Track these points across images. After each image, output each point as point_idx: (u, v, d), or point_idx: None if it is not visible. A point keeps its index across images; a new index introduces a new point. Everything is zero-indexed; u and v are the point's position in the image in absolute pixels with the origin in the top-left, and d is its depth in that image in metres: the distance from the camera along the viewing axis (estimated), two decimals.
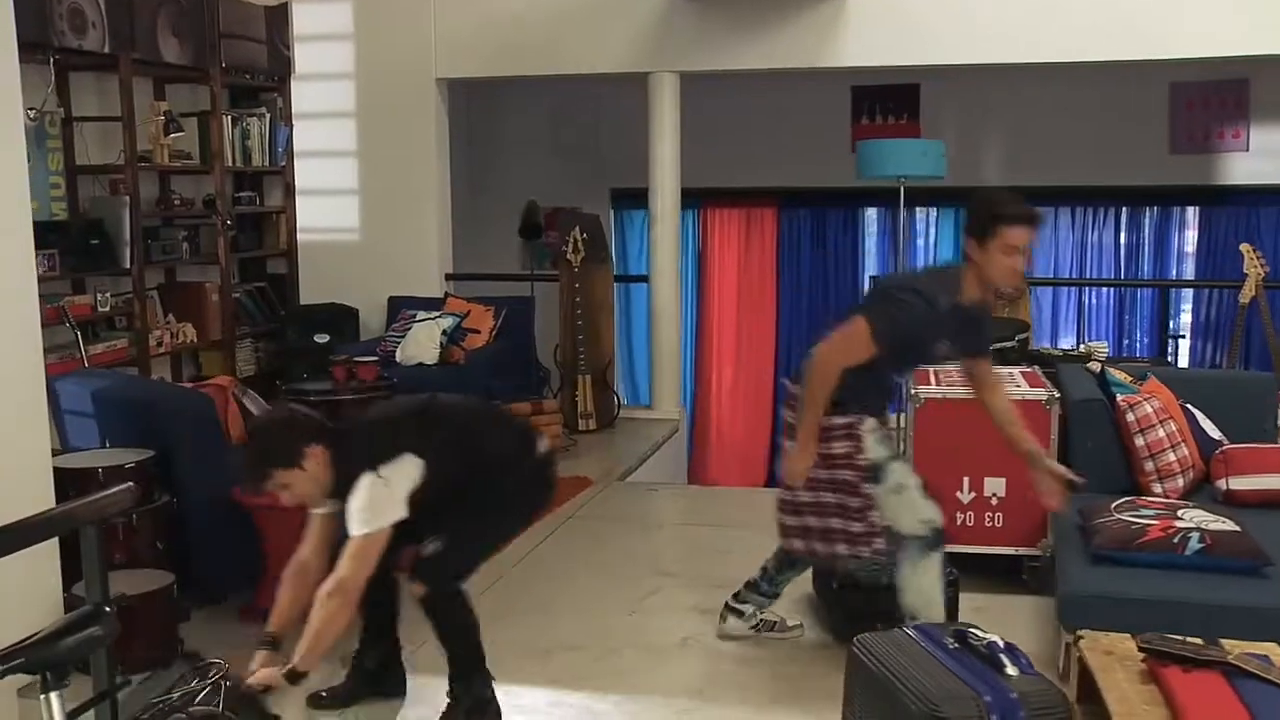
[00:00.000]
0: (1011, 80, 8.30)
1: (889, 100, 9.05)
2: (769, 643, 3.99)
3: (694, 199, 8.74)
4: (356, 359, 5.73)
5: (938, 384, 4.78)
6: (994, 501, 4.45)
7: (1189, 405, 4.38)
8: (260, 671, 2.92)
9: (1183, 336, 8.44)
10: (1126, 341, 8.77)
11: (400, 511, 3.03)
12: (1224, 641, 2.61)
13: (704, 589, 4.44)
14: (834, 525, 3.59)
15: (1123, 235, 9.00)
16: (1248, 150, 8.67)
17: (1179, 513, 3.59)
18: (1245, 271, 6.29)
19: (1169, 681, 2.38)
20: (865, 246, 9.43)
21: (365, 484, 3.00)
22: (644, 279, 8.80)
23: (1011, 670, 2.27)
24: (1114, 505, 3.72)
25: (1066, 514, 3.95)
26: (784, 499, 3.73)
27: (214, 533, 4.23)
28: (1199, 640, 2.56)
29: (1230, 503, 4.04)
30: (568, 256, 6.64)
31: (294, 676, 2.94)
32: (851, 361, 3.48)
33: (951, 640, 2.41)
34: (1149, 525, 3.47)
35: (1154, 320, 8.93)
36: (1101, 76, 7.97)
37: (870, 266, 9.41)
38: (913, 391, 4.77)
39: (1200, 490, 4.16)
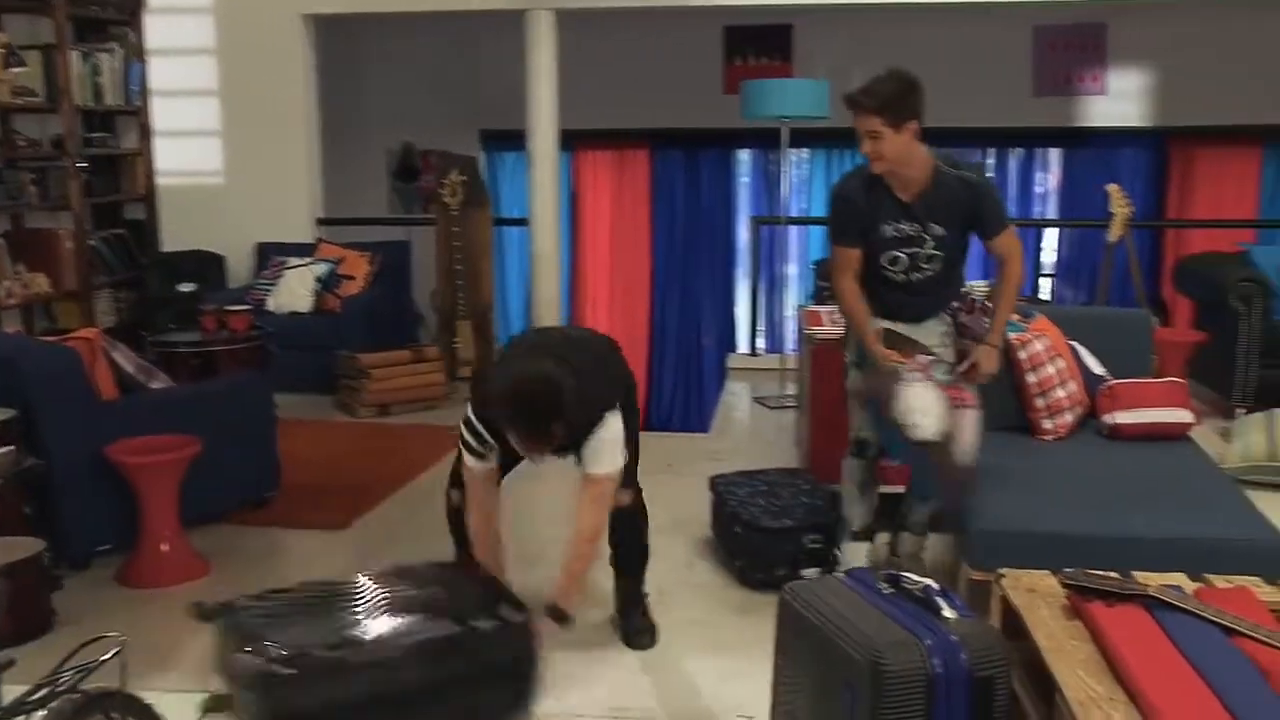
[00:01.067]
0: (882, 21, 8.33)
1: (762, 40, 9.00)
2: (674, 590, 3.96)
3: (566, 141, 8.59)
4: (227, 308, 5.47)
5: (831, 324, 4.80)
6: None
7: (1073, 342, 4.47)
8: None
9: (1052, 275, 8.66)
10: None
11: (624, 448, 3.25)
12: (1137, 574, 2.66)
13: None
14: None
15: (991, 176, 9.16)
16: (1105, 94, 8.91)
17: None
18: (1111, 211, 6.45)
19: (1094, 616, 2.40)
20: (739, 187, 9.43)
21: (611, 424, 3.19)
22: (519, 222, 8.67)
23: (949, 613, 2.27)
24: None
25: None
26: None
27: (85, 495, 4.00)
28: (1116, 574, 2.60)
29: (1116, 436, 4.15)
30: (445, 199, 6.45)
31: (562, 617, 3.06)
32: (846, 271, 3.68)
33: (885, 585, 2.39)
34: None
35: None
36: (968, 18, 8.05)
37: (745, 208, 9.41)
38: (806, 331, 4.79)
39: (1087, 425, 4.26)
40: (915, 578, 2.38)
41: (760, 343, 8.67)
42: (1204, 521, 3.33)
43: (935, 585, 2.35)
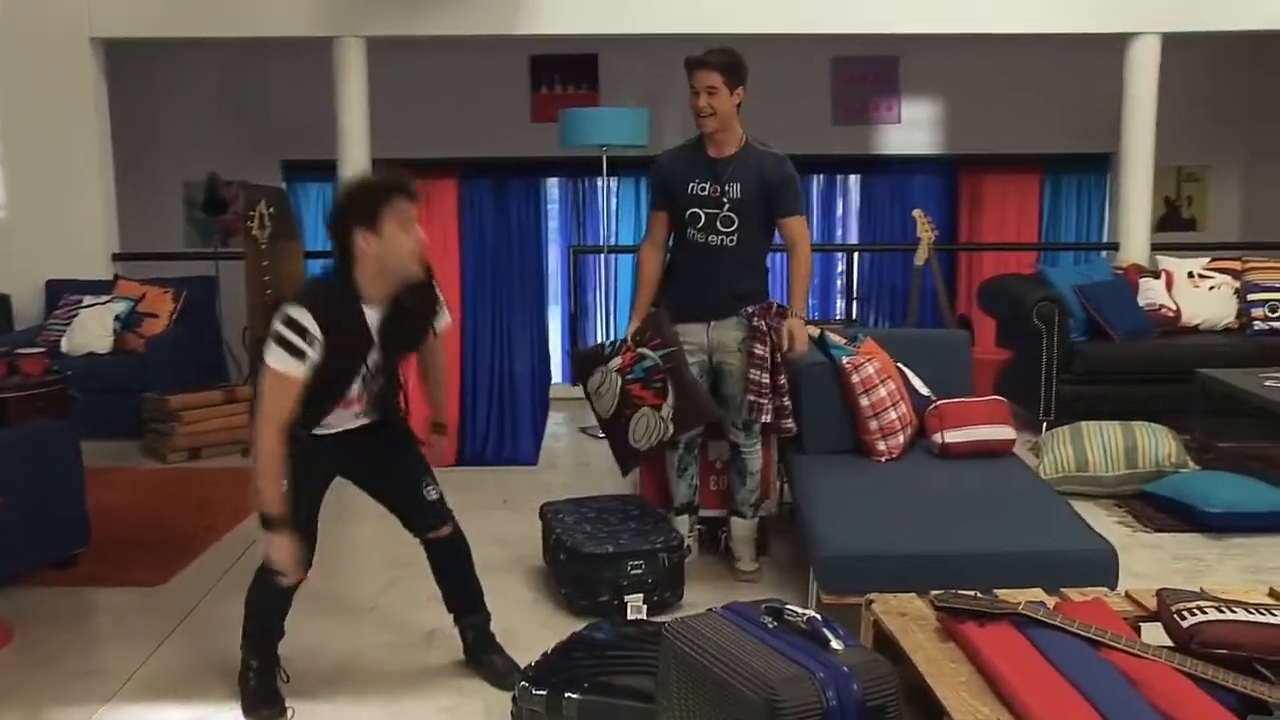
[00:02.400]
0: (687, 51, 8.45)
1: (568, 70, 9.01)
2: (513, 624, 3.86)
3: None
4: (18, 351, 5.08)
5: None
6: (719, 465, 4.52)
7: (899, 364, 4.60)
8: None
9: (868, 299, 8.92)
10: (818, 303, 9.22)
11: None
12: (998, 591, 2.73)
13: None
14: None
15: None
16: (899, 123, 9.27)
17: None
18: (919, 235, 6.71)
19: (968, 637, 2.45)
20: (549, 216, 9.39)
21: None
22: (327, 254, 8.41)
23: (836, 644, 2.26)
24: None
25: (812, 475, 4.08)
26: None
27: None
28: (979, 593, 2.65)
29: (946, 455, 4.27)
30: (254, 233, 6.18)
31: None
32: (651, 237, 4.29)
33: (768, 619, 2.37)
34: None
35: (827, 282, 9.41)
36: (770, 49, 8.22)
37: (555, 237, 9.38)
38: None
39: (917, 445, 4.38)
40: (798, 610, 2.37)
41: None
42: (1043, 535, 3.45)
43: (819, 616, 2.34)
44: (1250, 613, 2.55)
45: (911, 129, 9.27)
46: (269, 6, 6.33)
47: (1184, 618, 2.53)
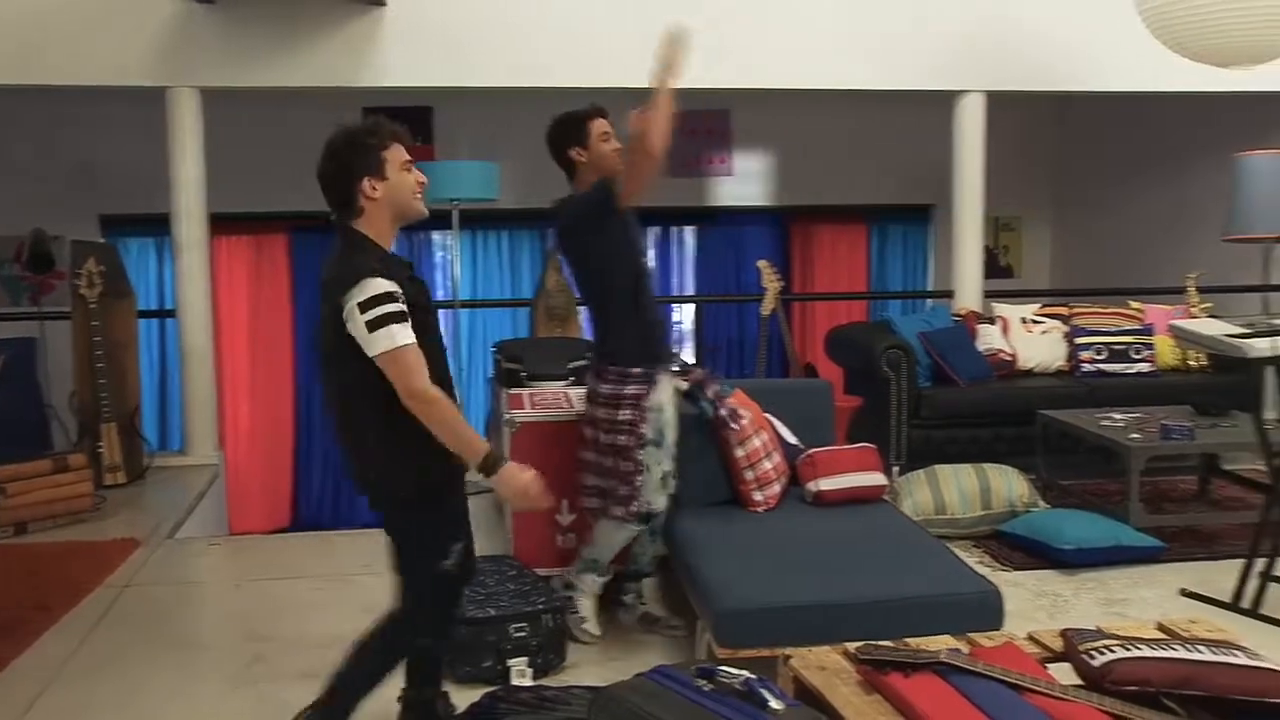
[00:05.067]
0: (520, 104, 8.43)
1: (401, 122, 8.86)
2: (395, 695, 3.70)
3: None
4: None
5: (532, 407, 4.73)
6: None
7: (768, 414, 4.64)
8: None
9: (718, 348, 9.00)
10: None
11: None
12: (911, 640, 2.75)
13: (308, 649, 4.06)
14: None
15: None
16: (732, 175, 9.47)
17: None
18: (764, 286, 6.82)
19: (896, 688, 2.45)
20: None
21: None
22: (151, 314, 8.07)
23: (775, 704, 2.23)
24: None
25: (694, 529, 4.06)
26: None
27: None
28: (890, 643, 2.67)
29: (820, 503, 4.32)
30: (81, 291, 5.83)
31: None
32: None
33: (702, 681, 2.32)
34: None
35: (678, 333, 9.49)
36: (607, 102, 8.29)
37: None
38: (507, 416, 4.69)
39: (792, 494, 4.41)
40: (732, 670, 2.33)
41: None
42: (931, 580, 3.51)
43: (754, 676, 2.31)
44: (1152, 648, 2.63)
45: (744, 181, 9.48)
46: (87, 55, 6.02)
47: (1094, 657, 2.60)
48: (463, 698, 3.58)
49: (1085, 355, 6.60)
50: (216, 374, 6.58)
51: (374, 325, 2.73)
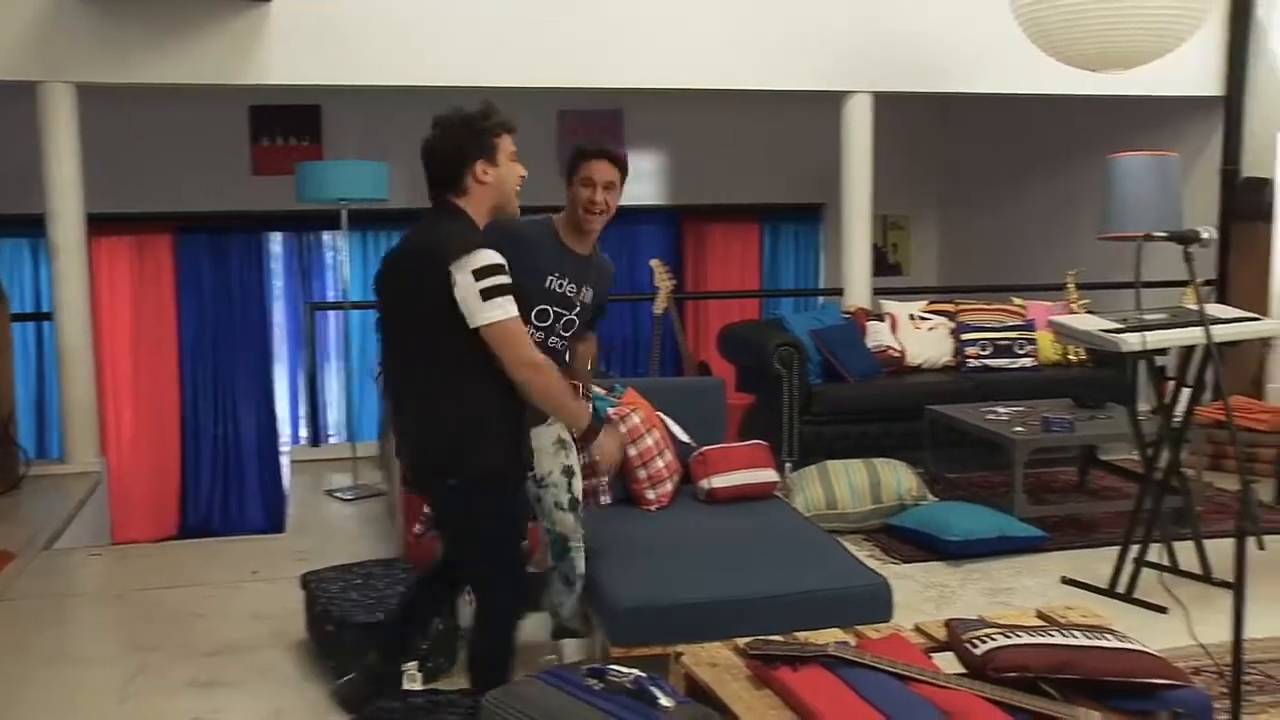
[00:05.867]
0: (410, 104, 8.34)
1: (289, 121, 8.75)
2: (282, 704, 3.64)
3: None
4: None
5: None
6: None
7: (660, 413, 4.66)
8: None
9: (613, 347, 9.00)
10: None
11: None
12: (800, 634, 2.79)
13: (195, 659, 3.99)
14: None
15: None
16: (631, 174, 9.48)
17: None
18: (656, 285, 6.85)
19: (785, 682, 2.48)
20: (273, 273, 9.04)
21: None
22: (24, 317, 7.84)
23: (666, 701, 2.24)
24: None
25: (588, 529, 4.04)
26: None
27: None
28: (780, 638, 2.70)
29: (713, 500, 4.35)
30: None
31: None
32: None
33: (593, 680, 2.33)
34: None
35: None
36: (497, 101, 8.26)
37: (279, 293, 9.03)
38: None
39: (684, 492, 4.43)
40: (622, 669, 2.34)
41: (331, 432, 8.35)
42: (824, 574, 3.55)
43: (644, 674, 2.32)
44: (1031, 635, 2.70)
45: (637, 180, 9.44)
46: None
47: (975, 645, 2.66)
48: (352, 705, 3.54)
49: (971, 351, 6.76)
50: (97, 379, 6.40)
51: (488, 294, 2.78)
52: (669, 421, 4.63)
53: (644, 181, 9.49)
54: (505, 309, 2.81)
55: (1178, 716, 2.53)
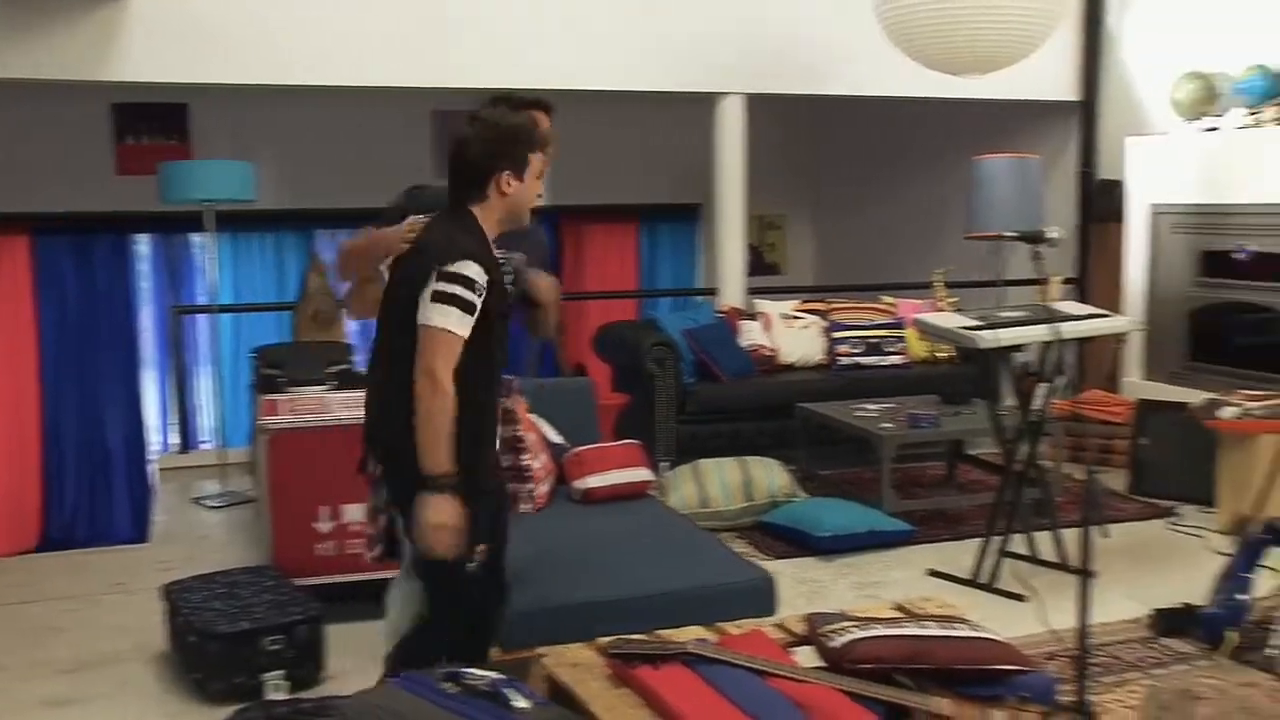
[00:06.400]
0: (285, 103, 8.24)
1: (155, 119, 8.51)
2: (146, 718, 3.56)
3: None
4: None
5: (292, 414, 4.60)
6: (355, 528, 4.39)
7: (533, 415, 4.65)
8: None
9: None
10: None
11: None
12: (662, 632, 2.81)
13: (49, 676, 3.89)
14: None
15: None
16: None
17: None
18: None
19: (644, 681, 2.49)
20: (139, 275, 8.78)
21: None
22: None
23: (522, 703, 2.24)
24: None
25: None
26: None
27: None
28: (644, 637, 2.72)
29: (588, 501, 4.37)
30: None
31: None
32: None
33: (448, 684, 2.31)
34: None
35: None
36: (368, 101, 8.17)
37: (147, 297, 8.78)
38: (259, 423, 4.57)
39: (559, 493, 4.43)
40: (479, 672, 2.33)
41: (203, 439, 8.15)
42: (705, 571, 3.59)
43: (501, 676, 2.32)
44: (887, 628, 2.77)
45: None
46: None
47: (832, 639, 2.71)
48: (215, 716, 3.48)
49: (842, 349, 6.87)
50: None
51: (439, 298, 2.72)
52: (542, 423, 4.63)
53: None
54: (447, 319, 2.72)
55: (1023, 700, 2.61)
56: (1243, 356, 6.30)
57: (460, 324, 2.73)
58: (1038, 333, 4.34)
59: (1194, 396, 5.74)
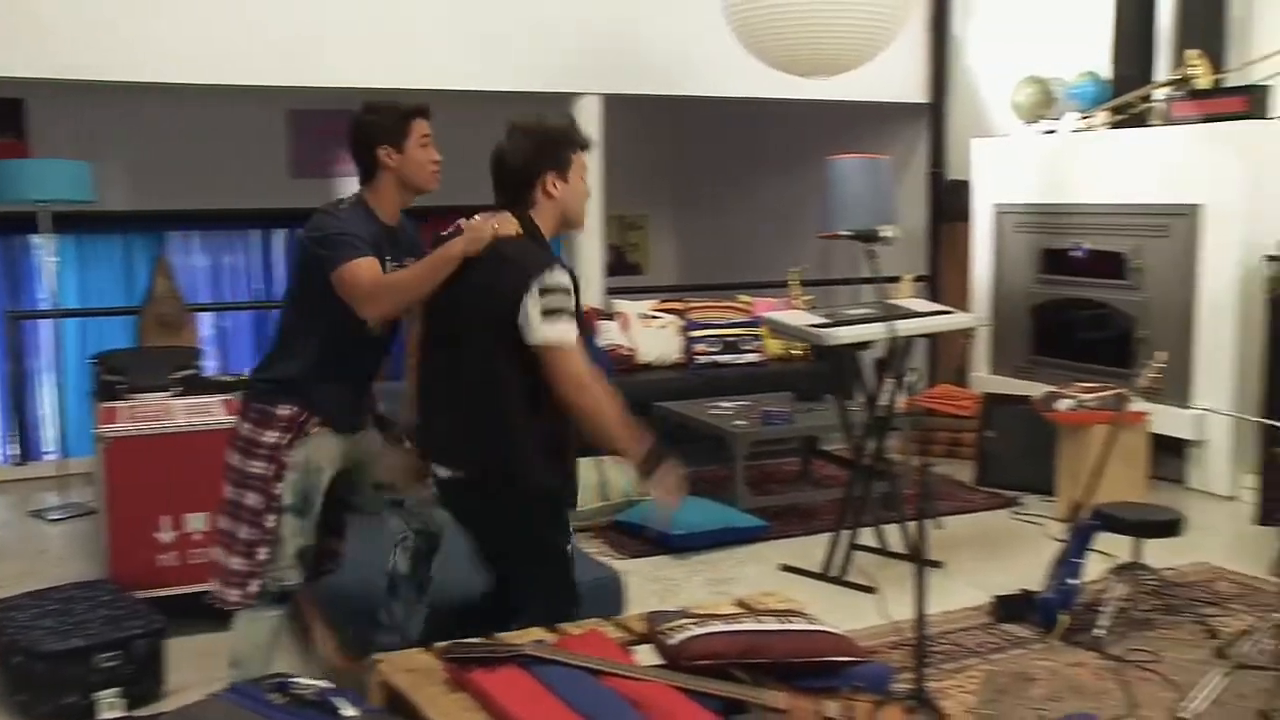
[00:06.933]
0: (133, 100, 7.98)
1: None
2: None
3: None
4: None
5: (132, 421, 4.47)
6: (198, 538, 4.28)
7: None
8: None
9: None
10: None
11: None
12: (502, 635, 2.79)
13: None
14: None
15: (256, 257, 9.18)
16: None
17: None
18: None
19: (479, 684, 2.47)
20: None
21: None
22: None
23: (350, 711, 2.20)
24: None
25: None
26: None
27: None
28: (480, 639, 2.70)
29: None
30: None
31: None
32: None
33: (275, 695, 2.27)
34: None
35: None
36: (220, 100, 7.97)
37: None
38: (96, 431, 4.43)
39: None
40: (305, 681, 2.29)
41: (46, 449, 7.82)
42: None
43: (331, 685, 2.28)
44: (725, 623, 2.80)
45: None
46: None
47: (669, 636, 2.73)
48: None
49: (699, 348, 6.94)
50: None
51: (550, 315, 2.81)
52: None
53: None
54: (569, 329, 2.86)
55: (858, 690, 2.66)
56: (1081, 350, 6.55)
57: (571, 330, 2.88)
58: (877, 330, 4.44)
59: (1037, 390, 5.94)
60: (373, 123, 3.14)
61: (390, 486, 3.37)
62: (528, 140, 2.99)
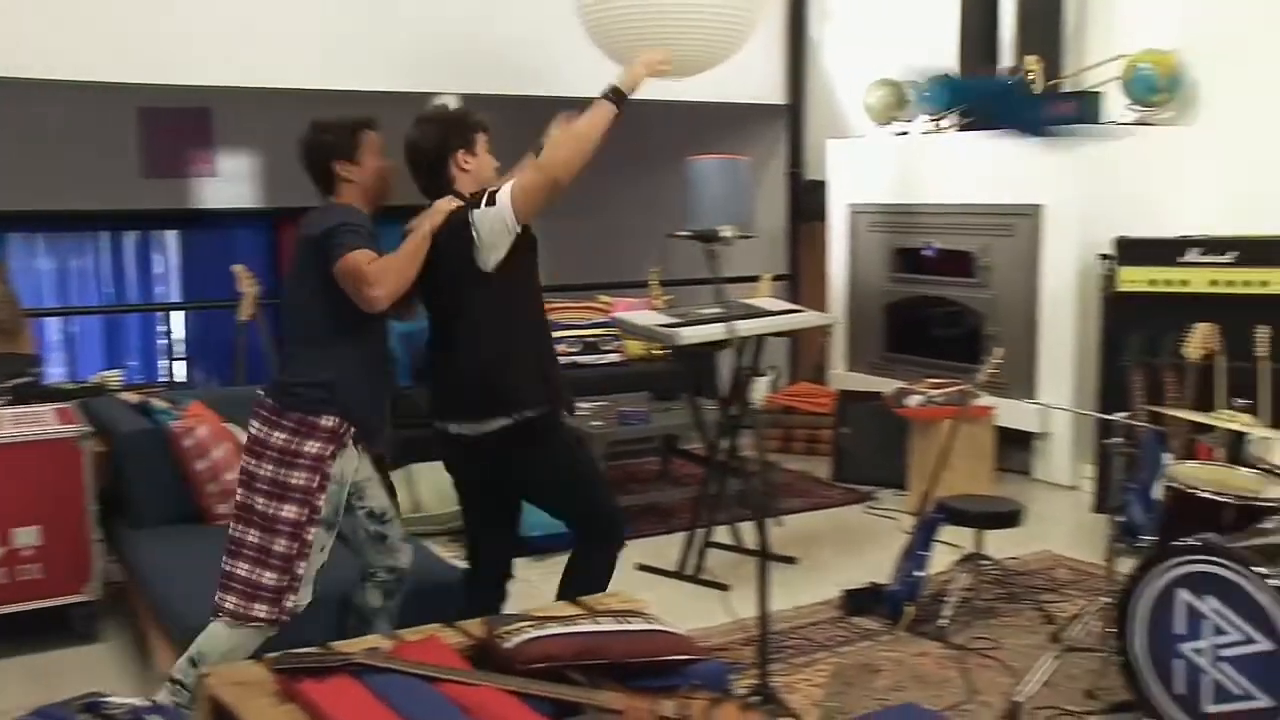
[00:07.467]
0: None
1: None
2: None
3: None
4: None
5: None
6: (28, 553, 4.12)
7: (229, 424, 4.48)
8: None
9: (189, 358, 8.56)
10: (122, 368, 8.69)
11: None
12: (337, 644, 2.74)
13: None
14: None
15: (105, 260, 8.90)
16: (217, 176, 9.08)
17: None
18: (241, 290, 6.58)
19: (308, 695, 2.41)
20: None
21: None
22: None
23: None
24: None
25: (153, 547, 3.83)
26: None
27: None
28: (317, 649, 2.64)
29: None
30: None
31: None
32: None
33: (86, 716, 2.18)
34: None
35: (149, 344, 8.94)
36: (66, 96, 7.70)
37: None
38: None
39: None
40: (120, 700, 2.21)
41: None
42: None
43: (146, 703, 2.20)
44: (562, 625, 2.78)
45: (230, 182, 9.11)
46: None
47: (504, 640, 2.70)
48: None
49: (560, 349, 6.90)
50: None
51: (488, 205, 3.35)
52: (239, 433, 4.46)
53: (237, 182, 9.12)
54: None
55: (695, 688, 2.67)
56: (932, 347, 6.72)
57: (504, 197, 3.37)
58: (724, 329, 4.47)
59: (892, 386, 6.06)
60: (325, 141, 3.35)
61: (382, 516, 3.44)
62: (433, 125, 3.42)
